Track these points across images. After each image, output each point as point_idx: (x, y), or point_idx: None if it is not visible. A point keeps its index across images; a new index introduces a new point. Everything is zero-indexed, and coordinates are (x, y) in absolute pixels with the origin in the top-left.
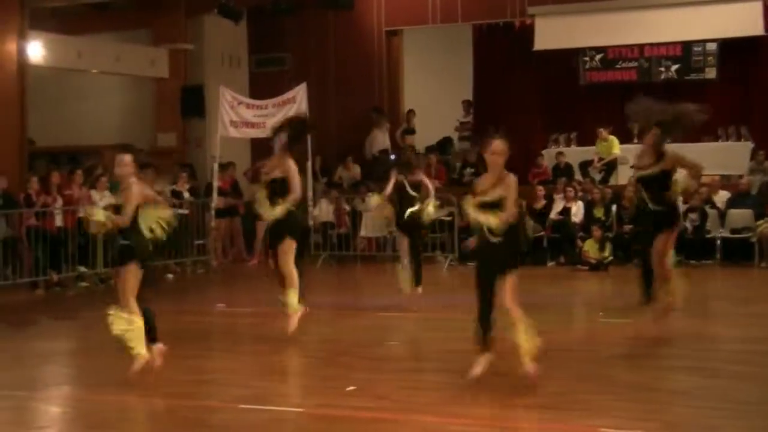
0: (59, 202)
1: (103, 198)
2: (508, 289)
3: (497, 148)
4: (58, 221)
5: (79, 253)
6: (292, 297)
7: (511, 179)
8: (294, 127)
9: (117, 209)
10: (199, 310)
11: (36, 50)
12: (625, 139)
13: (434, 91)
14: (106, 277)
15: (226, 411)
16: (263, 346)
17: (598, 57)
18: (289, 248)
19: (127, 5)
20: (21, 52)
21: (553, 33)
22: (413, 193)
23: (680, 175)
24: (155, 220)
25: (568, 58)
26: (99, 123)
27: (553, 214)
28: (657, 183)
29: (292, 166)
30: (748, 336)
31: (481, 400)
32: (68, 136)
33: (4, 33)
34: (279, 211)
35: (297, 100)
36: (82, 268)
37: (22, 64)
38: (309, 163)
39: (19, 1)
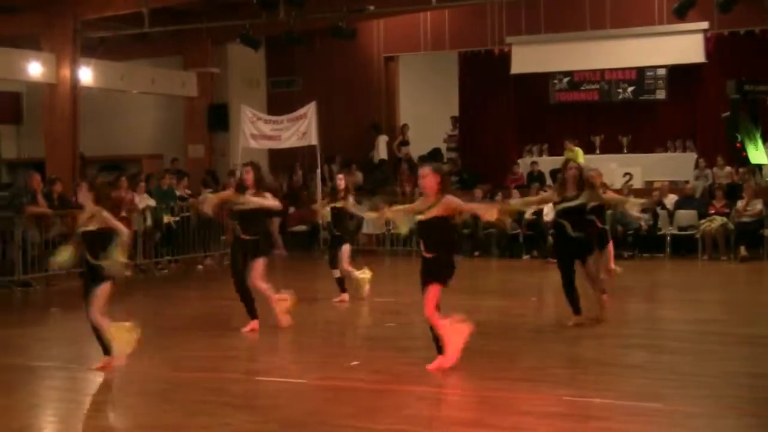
0: None
1: (143, 200)
2: (428, 298)
3: (422, 172)
4: None
5: None
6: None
7: (449, 199)
8: None
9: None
10: (223, 295)
11: (86, 74)
12: (588, 150)
13: (425, 108)
14: (146, 268)
15: (245, 382)
16: (277, 327)
17: (565, 80)
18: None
19: (162, 35)
20: (74, 76)
21: (527, 59)
22: None
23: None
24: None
25: (540, 80)
26: (138, 136)
27: (528, 215)
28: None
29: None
30: (692, 318)
31: (465, 374)
32: (112, 147)
33: (61, 60)
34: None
35: (308, 116)
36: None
37: (75, 86)
38: (318, 170)
39: (72, 33)
